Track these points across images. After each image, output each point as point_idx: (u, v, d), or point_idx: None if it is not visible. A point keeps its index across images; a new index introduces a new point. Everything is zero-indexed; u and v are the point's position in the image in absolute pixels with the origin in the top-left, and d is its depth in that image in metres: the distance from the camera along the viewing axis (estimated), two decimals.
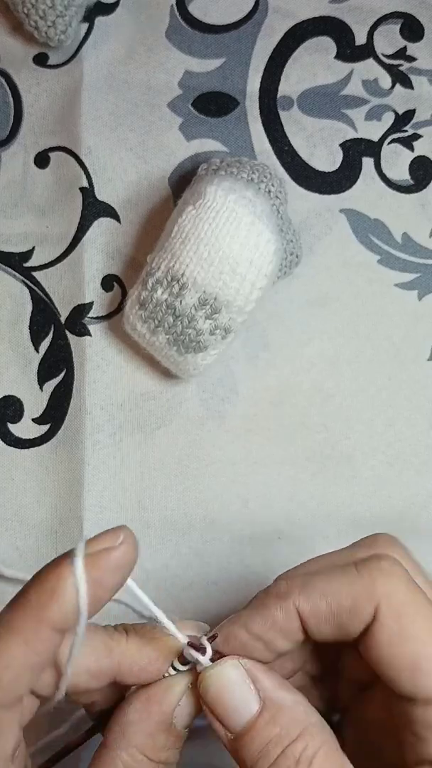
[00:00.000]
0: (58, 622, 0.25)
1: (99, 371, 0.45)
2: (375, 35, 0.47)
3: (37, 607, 0.25)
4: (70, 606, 0.25)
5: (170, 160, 0.46)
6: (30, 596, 0.25)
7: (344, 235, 0.46)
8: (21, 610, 0.25)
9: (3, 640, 0.25)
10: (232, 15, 0.47)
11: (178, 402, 0.44)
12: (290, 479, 0.44)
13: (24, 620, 0.25)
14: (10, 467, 0.44)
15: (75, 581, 0.25)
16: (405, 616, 0.26)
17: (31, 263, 0.45)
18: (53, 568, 0.25)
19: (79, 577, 0.25)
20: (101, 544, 0.25)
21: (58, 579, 0.25)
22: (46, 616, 0.25)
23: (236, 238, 0.38)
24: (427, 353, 0.45)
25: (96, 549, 0.25)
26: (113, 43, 0.47)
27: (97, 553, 0.25)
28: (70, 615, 0.25)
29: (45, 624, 0.25)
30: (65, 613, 0.25)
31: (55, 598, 0.25)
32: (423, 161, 0.46)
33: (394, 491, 0.44)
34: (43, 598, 0.25)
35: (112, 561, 0.25)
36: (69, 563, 0.25)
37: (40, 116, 0.46)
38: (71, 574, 0.25)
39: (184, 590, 0.43)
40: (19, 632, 0.25)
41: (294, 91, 0.46)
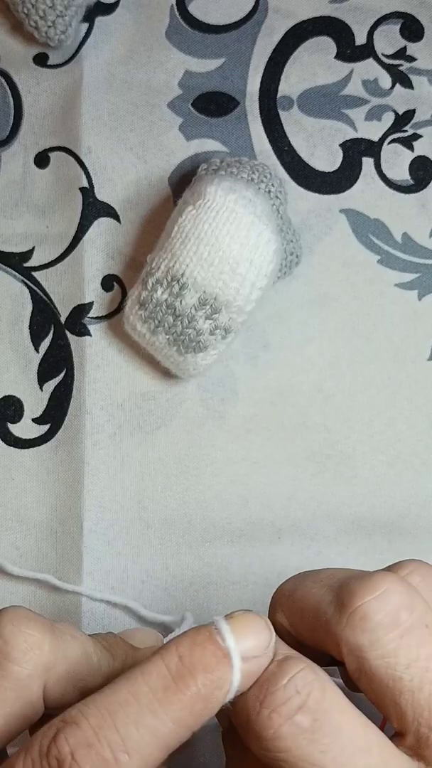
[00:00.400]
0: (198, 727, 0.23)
1: (99, 371, 0.45)
2: (375, 35, 0.47)
3: (191, 717, 0.23)
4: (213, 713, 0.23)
5: (170, 160, 0.46)
6: (185, 702, 0.22)
7: (344, 235, 0.46)
8: (172, 716, 0.22)
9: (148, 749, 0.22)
10: (232, 15, 0.47)
11: (178, 402, 0.44)
12: (290, 479, 0.44)
13: (174, 727, 0.22)
14: (10, 467, 0.44)
15: (230, 691, 0.23)
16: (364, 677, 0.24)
17: (31, 263, 0.45)
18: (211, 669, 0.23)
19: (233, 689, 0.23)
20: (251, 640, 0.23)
21: (218, 689, 0.23)
22: (196, 726, 0.23)
23: (236, 238, 0.38)
24: (427, 353, 0.45)
25: (246, 650, 0.23)
26: (113, 43, 0.47)
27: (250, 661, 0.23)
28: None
29: (191, 732, 0.23)
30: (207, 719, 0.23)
31: (210, 709, 0.23)
32: (423, 161, 0.46)
33: (394, 491, 0.44)
34: (199, 708, 0.23)
35: (257, 671, 0.24)
36: (228, 669, 0.23)
37: (40, 116, 0.46)
38: (230, 683, 0.23)
39: (184, 590, 0.43)
40: (166, 739, 0.22)
41: (294, 91, 0.47)
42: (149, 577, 0.43)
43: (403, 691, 0.23)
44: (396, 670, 0.23)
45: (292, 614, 0.27)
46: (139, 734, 0.22)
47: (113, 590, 0.43)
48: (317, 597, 0.25)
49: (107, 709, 0.22)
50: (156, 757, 0.22)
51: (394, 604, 0.24)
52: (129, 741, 0.22)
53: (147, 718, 0.22)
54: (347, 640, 0.24)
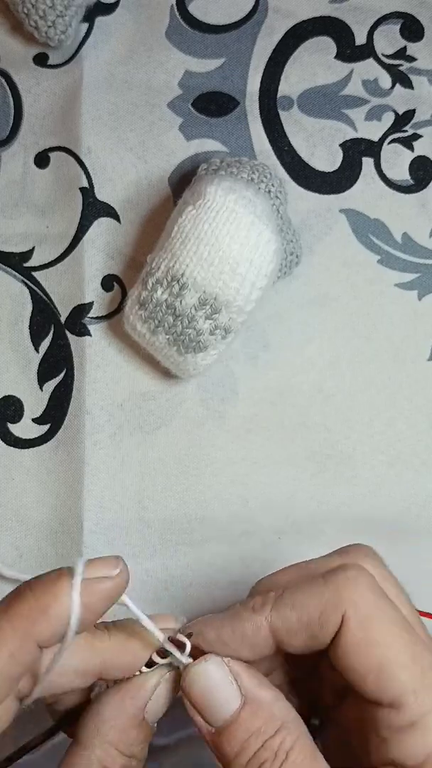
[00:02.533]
0: (46, 640, 0.26)
1: (99, 371, 0.45)
2: (375, 35, 0.47)
3: (28, 622, 0.25)
4: (60, 626, 0.26)
5: (170, 160, 0.46)
6: (21, 609, 0.26)
7: (344, 235, 0.46)
8: (10, 621, 0.26)
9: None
10: (232, 15, 0.47)
11: (178, 402, 0.44)
12: (290, 479, 0.44)
13: (12, 633, 0.25)
14: (10, 467, 0.44)
15: (69, 603, 0.25)
16: (370, 623, 0.27)
17: (31, 263, 0.45)
18: (49, 584, 0.26)
19: (74, 601, 0.25)
20: (99, 570, 0.26)
21: (53, 597, 0.26)
22: (36, 633, 0.25)
23: (236, 238, 0.38)
24: (427, 353, 0.45)
25: (94, 575, 0.26)
26: (113, 43, 0.47)
27: (94, 579, 0.26)
28: (58, 635, 0.26)
29: (33, 639, 0.26)
30: (54, 633, 0.26)
31: (47, 617, 0.25)
32: (423, 161, 0.46)
33: (394, 491, 0.44)
34: (34, 614, 0.26)
35: (107, 590, 0.26)
36: (66, 582, 0.26)
37: (40, 116, 0.46)
38: (66, 595, 0.25)
39: (184, 590, 0.43)
40: (6, 644, 0.25)
41: (294, 91, 0.46)
42: (149, 577, 0.43)
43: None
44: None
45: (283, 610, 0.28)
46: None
47: None
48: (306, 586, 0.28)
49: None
50: (1, 662, 0.25)
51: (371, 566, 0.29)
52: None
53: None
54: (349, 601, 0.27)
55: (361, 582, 0.27)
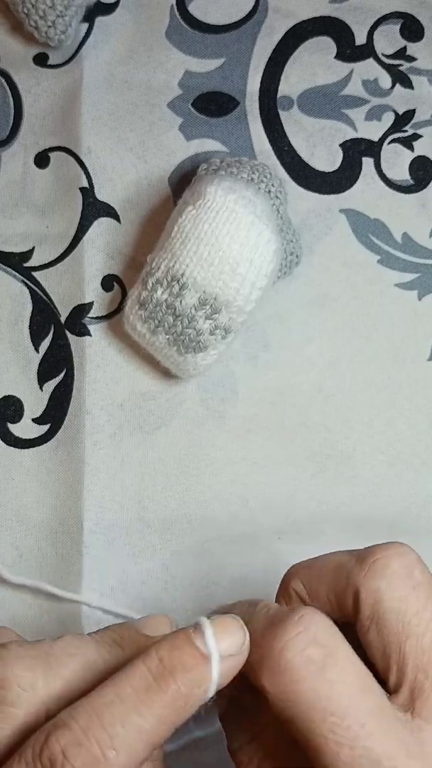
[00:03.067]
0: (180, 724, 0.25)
1: (99, 371, 0.45)
2: (375, 35, 0.47)
3: (172, 714, 0.24)
4: (195, 710, 0.25)
5: (170, 160, 0.46)
6: (166, 700, 0.24)
7: (344, 235, 0.46)
8: (154, 714, 0.24)
9: (134, 744, 0.24)
10: (232, 15, 0.47)
11: (178, 402, 0.44)
12: (290, 479, 0.44)
13: (156, 726, 0.24)
14: (10, 467, 0.44)
15: (209, 689, 0.25)
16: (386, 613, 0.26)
17: (31, 263, 0.45)
18: (192, 672, 0.25)
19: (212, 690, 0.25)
20: (228, 642, 0.25)
21: (197, 688, 0.25)
22: (177, 722, 0.25)
23: (236, 238, 0.38)
24: (427, 353, 0.45)
25: (225, 649, 0.25)
26: (113, 43, 0.47)
27: (226, 660, 0.25)
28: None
29: (173, 728, 0.25)
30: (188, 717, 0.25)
31: (190, 707, 0.25)
32: (423, 161, 0.46)
33: (394, 491, 0.44)
34: (179, 705, 0.24)
35: (235, 667, 0.26)
36: (207, 668, 0.25)
37: (40, 116, 0.46)
38: (209, 682, 0.25)
39: (184, 590, 0.43)
40: (150, 735, 0.24)
41: (294, 91, 0.47)
42: (149, 577, 0.43)
43: (409, 635, 0.26)
44: (406, 615, 0.26)
45: (311, 577, 0.29)
46: (125, 731, 0.23)
47: (113, 590, 0.43)
48: (337, 558, 0.28)
49: (94, 711, 0.23)
50: (141, 752, 0.24)
51: (410, 560, 0.27)
52: (116, 738, 0.23)
53: (131, 716, 0.24)
54: (366, 585, 0.26)
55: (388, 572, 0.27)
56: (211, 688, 0.25)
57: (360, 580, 0.27)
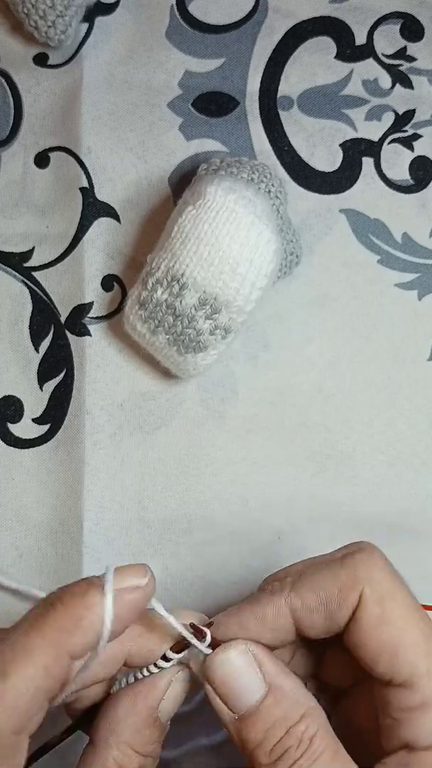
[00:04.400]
0: (79, 652, 0.26)
1: (99, 371, 0.45)
2: (375, 35, 0.47)
3: (61, 635, 0.25)
4: (93, 638, 0.25)
5: (170, 160, 0.46)
6: (53, 622, 0.25)
7: (344, 235, 0.46)
8: (42, 635, 0.25)
9: (22, 666, 0.25)
10: (232, 15, 0.47)
11: (178, 402, 0.44)
12: (290, 479, 0.44)
13: (45, 646, 0.25)
14: (10, 467, 0.44)
15: (102, 614, 0.25)
16: (387, 601, 0.28)
17: (31, 263, 0.45)
18: (80, 596, 0.26)
19: (107, 612, 0.25)
20: (129, 579, 0.26)
21: (86, 609, 0.25)
22: (70, 645, 0.25)
23: (236, 238, 0.38)
24: (427, 353, 0.45)
25: (124, 585, 0.26)
26: (113, 43, 0.47)
27: (124, 589, 0.26)
28: (90, 645, 0.26)
29: (66, 652, 0.25)
30: (86, 645, 0.26)
31: (81, 629, 0.25)
32: (423, 161, 0.46)
33: (394, 491, 0.44)
34: (67, 626, 0.25)
35: (137, 599, 0.27)
36: (98, 594, 0.26)
37: (40, 116, 0.46)
38: (98, 607, 0.25)
39: (184, 590, 0.43)
40: (39, 658, 0.25)
41: (294, 91, 0.46)
42: None
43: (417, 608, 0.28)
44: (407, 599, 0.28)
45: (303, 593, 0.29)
46: (13, 655, 0.25)
47: None
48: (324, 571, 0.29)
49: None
50: (33, 675, 0.25)
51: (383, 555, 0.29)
52: (5, 663, 0.24)
53: (20, 640, 0.25)
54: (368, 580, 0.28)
55: (377, 562, 0.28)
56: (105, 614, 0.25)
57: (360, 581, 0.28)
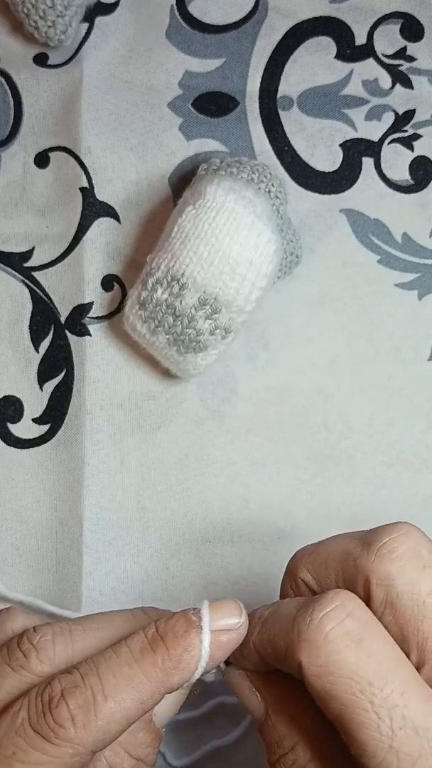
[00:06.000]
0: (174, 689, 0.28)
1: (99, 371, 0.45)
2: (375, 35, 0.47)
3: (162, 674, 0.27)
4: (189, 677, 0.27)
5: (170, 160, 0.46)
6: (157, 661, 0.27)
7: (344, 235, 0.46)
8: (145, 671, 0.27)
9: (122, 694, 0.27)
10: (232, 15, 0.47)
11: (178, 402, 0.44)
12: (290, 479, 0.44)
13: (146, 683, 0.27)
14: (10, 467, 0.44)
15: (199, 656, 0.27)
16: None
17: (31, 263, 0.45)
18: (182, 637, 0.27)
19: (203, 657, 0.27)
20: (224, 619, 0.28)
21: (186, 651, 0.27)
22: (168, 684, 0.27)
23: (236, 238, 0.38)
24: (427, 353, 0.45)
25: (220, 625, 0.28)
26: (113, 43, 0.47)
27: (221, 631, 0.28)
28: (183, 684, 0.28)
29: (164, 690, 0.27)
30: (182, 683, 0.27)
31: (180, 671, 0.27)
32: (423, 161, 0.46)
33: (394, 491, 0.44)
34: (168, 667, 0.27)
35: (231, 643, 0.28)
36: (196, 636, 0.27)
37: (40, 116, 0.46)
38: (198, 650, 0.27)
39: (184, 590, 0.43)
40: (139, 692, 0.27)
41: (294, 91, 0.46)
42: (149, 577, 0.43)
43: (426, 615, 0.26)
44: (420, 596, 0.26)
45: (317, 565, 0.29)
46: (116, 681, 0.27)
47: (113, 590, 0.43)
48: (343, 544, 0.29)
49: (93, 663, 0.27)
50: (129, 704, 0.27)
51: (416, 541, 0.27)
52: (107, 686, 0.26)
53: (123, 669, 0.27)
54: (376, 571, 0.27)
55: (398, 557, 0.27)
56: (202, 656, 0.27)
57: (369, 567, 0.27)
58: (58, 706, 0.26)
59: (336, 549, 0.29)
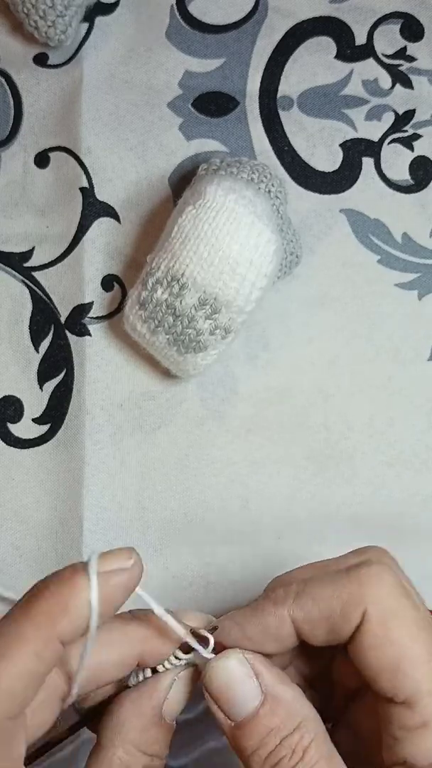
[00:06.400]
0: (68, 636, 0.26)
1: (99, 371, 0.45)
2: (375, 35, 0.47)
3: (49, 620, 0.25)
4: (81, 622, 0.25)
5: (170, 160, 0.46)
6: (41, 607, 0.25)
7: (344, 235, 0.46)
8: (31, 620, 0.25)
9: (13, 651, 0.25)
10: (232, 15, 0.47)
11: (178, 402, 0.44)
12: (290, 479, 0.44)
13: (35, 632, 0.25)
14: (10, 467, 0.44)
15: (89, 597, 0.25)
16: (390, 620, 0.27)
17: (31, 263, 0.45)
18: (66, 580, 0.26)
19: (93, 595, 0.25)
20: (114, 562, 0.26)
21: (72, 593, 0.25)
22: (58, 630, 0.25)
23: (236, 238, 0.38)
24: (427, 353, 0.45)
25: (109, 567, 0.26)
26: (113, 43, 0.47)
27: (110, 572, 0.26)
28: (79, 630, 0.26)
29: (56, 637, 0.25)
30: (76, 629, 0.26)
31: (68, 613, 0.25)
32: (423, 161, 0.46)
33: (394, 491, 0.44)
34: (54, 611, 0.25)
35: (123, 582, 0.26)
36: (83, 577, 0.26)
37: (40, 116, 0.46)
38: (85, 590, 0.25)
39: (184, 590, 0.43)
40: (29, 643, 0.25)
41: (294, 91, 0.46)
42: (149, 577, 0.43)
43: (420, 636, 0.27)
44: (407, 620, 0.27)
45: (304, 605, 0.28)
46: (5, 639, 0.25)
47: None
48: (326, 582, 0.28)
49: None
50: (25, 660, 0.25)
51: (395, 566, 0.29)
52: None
53: (11, 626, 0.25)
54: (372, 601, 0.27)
55: (384, 579, 0.28)
56: (91, 598, 0.25)
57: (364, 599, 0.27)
58: None
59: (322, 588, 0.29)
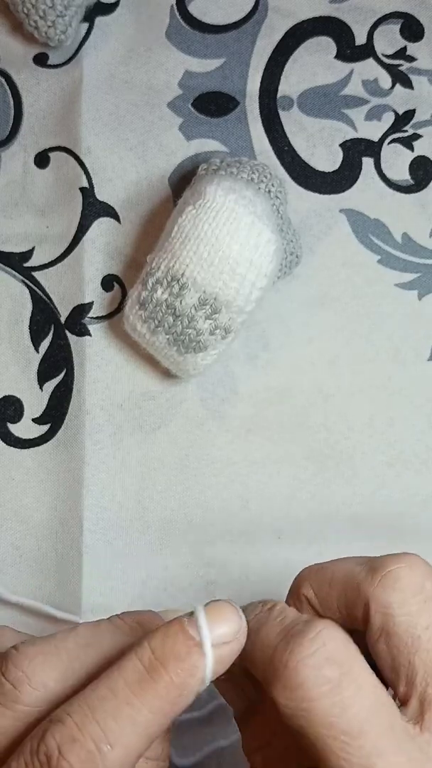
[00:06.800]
0: (180, 714, 0.25)
1: (99, 371, 0.45)
2: (375, 35, 0.47)
3: (167, 704, 0.24)
4: (193, 699, 0.25)
5: (170, 160, 0.46)
6: (160, 692, 0.24)
7: (344, 235, 0.46)
8: (149, 707, 0.24)
9: (128, 737, 0.24)
10: (232, 15, 0.47)
11: (178, 402, 0.44)
12: (290, 479, 0.44)
13: (152, 719, 0.24)
14: (10, 467, 0.44)
15: (204, 675, 0.24)
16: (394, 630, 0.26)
17: (31, 263, 0.45)
18: (182, 659, 0.24)
19: (207, 676, 0.25)
20: (222, 626, 0.25)
21: (190, 676, 0.24)
22: (175, 713, 0.24)
23: (236, 238, 0.38)
24: (427, 353, 0.45)
25: (219, 635, 0.25)
26: (113, 43, 0.47)
27: (222, 645, 0.25)
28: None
29: (171, 718, 0.25)
30: (187, 706, 0.25)
31: (186, 697, 0.25)
32: (423, 161, 0.46)
33: (394, 491, 0.44)
34: (173, 696, 0.24)
35: (232, 655, 0.25)
36: (200, 657, 0.24)
37: (40, 116, 0.46)
38: (202, 670, 0.24)
39: (183, 590, 0.43)
40: (146, 729, 0.24)
41: (294, 91, 0.46)
42: (149, 577, 0.43)
43: (419, 649, 0.26)
44: (416, 629, 0.26)
45: (321, 583, 0.28)
46: (118, 726, 0.23)
47: (113, 590, 0.43)
48: (348, 566, 0.28)
49: (88, 706, 0.24)
50: (137, 745, 0.24)
51: (421, 573, 0.27)
52: (110, 733, 0.23)
53: (124, 710, 0.24)
54: (377, 598, 0.26)
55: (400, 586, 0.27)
56: (206, 677, 0.25)
57: (370, 593, 0.26)
58: (58, 765, 0.23)
59: (341, 570, 0.28)
